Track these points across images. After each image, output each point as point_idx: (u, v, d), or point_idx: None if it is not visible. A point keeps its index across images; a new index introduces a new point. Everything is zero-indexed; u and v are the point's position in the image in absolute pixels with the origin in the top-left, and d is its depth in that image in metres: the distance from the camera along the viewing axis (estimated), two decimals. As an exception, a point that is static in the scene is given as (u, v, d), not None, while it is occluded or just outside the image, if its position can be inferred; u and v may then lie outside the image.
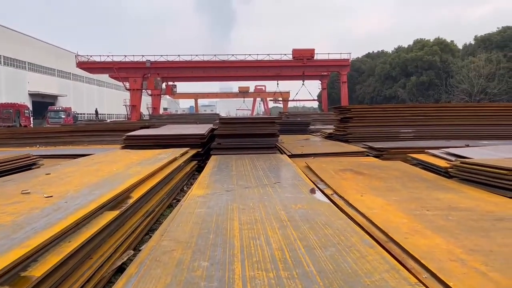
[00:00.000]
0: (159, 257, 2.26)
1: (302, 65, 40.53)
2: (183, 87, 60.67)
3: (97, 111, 53.45)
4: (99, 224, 2.72)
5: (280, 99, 58.27)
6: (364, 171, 5.38)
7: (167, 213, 4.50)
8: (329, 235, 2.60)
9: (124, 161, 5.64)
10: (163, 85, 44.79)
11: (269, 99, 68.26)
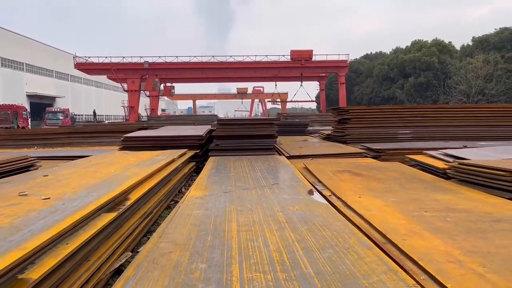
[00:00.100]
0: (157, 259, 2.26)
1: (300, 66, 40.56)
2: (181, 88, 60.80)
3: (95, 113, 53.38)
4: (97, 226, 2.71)
5: (278, 100, 58.27)
6: (362, 172, 5.38)
7: (165, 215, 4.49)
8: (327, 236, 2.60)
9: (122, 163, 5.63)
10: (161, 86, 44.79)
11: (267, 100, 68.26)
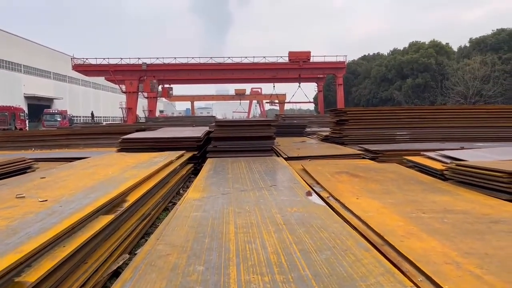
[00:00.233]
0: (154, 261, 2.25)
1: (298, 67, 40.58)
2: (179, 89, 60.70)
3: (93, 114, 53.27)
4: (94, 228, 2.71)
5: (276, 101, 58.32)
6: (360, 173, 5.38)
7: (163, 216, 4.49)
8: (325, 238, 2.60)
9: (119, 165, 5.62)
10: (159, 88, 44.76)
11: (265, 101, 68.28)
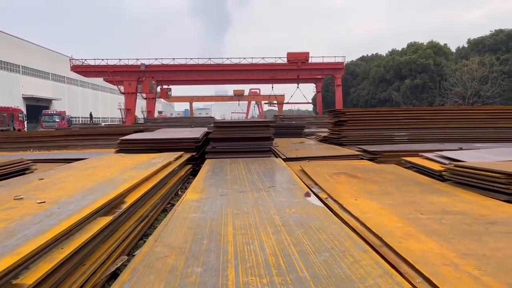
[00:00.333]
0: (153, 263, 2.25)
1: (296, 68, 40.67)
2: (178, 90, 60.67)
3: (91, 115, 53.23)
4: (92, 230, 2.70)
5: (275, 102, 58.40)
6: (358, 174, 5.38)
7: (162, 218, 4.48)
8: (323, 240, 2.60)
9: (118, 166, 5.61)
10: (158, 89, 44.77)
11: (264, 102, 68.36)
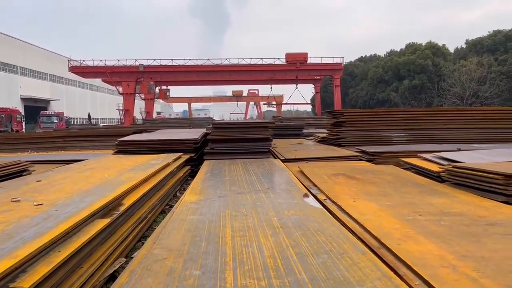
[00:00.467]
0: (151, 265, 2.24)
1: (295, 69, 40.64)
2: (176, 91, 60.57)
3: (90, 116, 53.15)
4: (90, 232, 2.69)
5: (273, 102, 58.36)
6: (357, 175, 5.38)
7: (160, 219, 4.47)
8: (322, 242, 2.59)
9: (116, 167, 5.60)
10: (157, 89, 44.68)
11: (262, 103, 68.33)
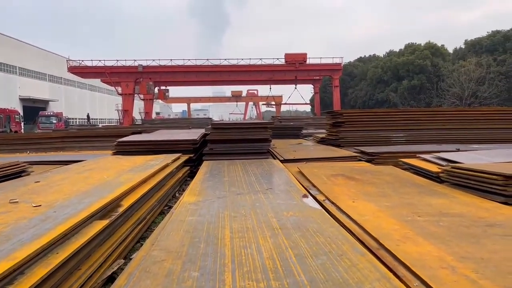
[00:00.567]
0: (149, 267, 2.23)
1: (294, 69, 40.71)
2: (175, 91, 60.63)
3: (89, 116, 53.12)
4: (88, 234, 2.68)
5: (272, 103, 58.40)
6: (356, 176, 5.38)
7: (159, 220, 4.46)
8: (321, 243, 2.59)
9: (115, 168, 5.59)
10: (156, 90, 44.69)
11: (261, 103, 68.37)
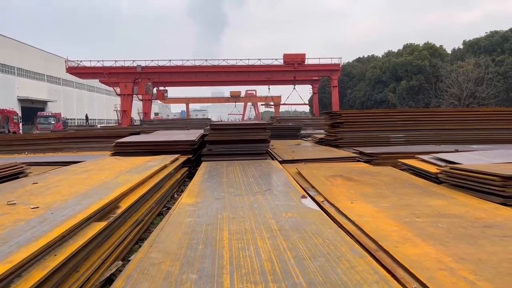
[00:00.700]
0: (147, 269, 2.22)
1: (293, 70, 40.73)
2: (174, 91, 60.64)
3: (87, 117, 53.07)
4: (86, 236, 2.67)
5: (271, 103, 58.43)
6: (354, 177, 5.38)
7: (157, 221, 4.46)
8: (319, 244, 2.58)
9: (113, 169, 5.58)
10: (154, 90, 44.66)
11: (260, 103, 68.40)
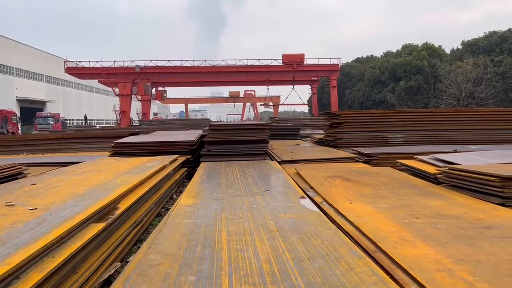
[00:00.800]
0: (146, 271, 2.22)
1: (292, 70, 40.74)
2: (173, 92, 60.63)
3: (86, 117, 53.03)
4: (85, 237, 2.67)
5: (270, 103, 58.45)
6: (353, 177, 5.38)
7: (156, 222, 4.45)
8: (318, 246, 2.58)
9: (112, 170, 5.57)
10: (153, 91, 44.64)
11: (259, 104, 68.41)
